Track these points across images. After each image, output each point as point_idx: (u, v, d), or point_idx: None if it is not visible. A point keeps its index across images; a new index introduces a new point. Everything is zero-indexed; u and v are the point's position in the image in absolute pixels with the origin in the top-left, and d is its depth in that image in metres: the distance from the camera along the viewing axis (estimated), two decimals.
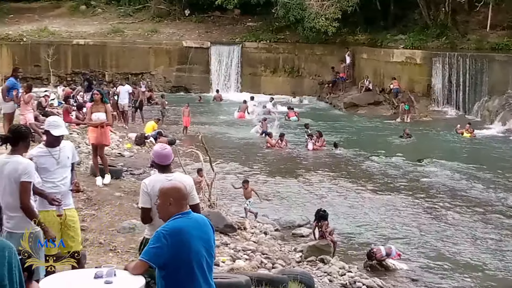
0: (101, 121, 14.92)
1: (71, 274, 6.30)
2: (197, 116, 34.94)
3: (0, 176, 7.28)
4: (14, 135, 7.39)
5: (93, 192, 14.70)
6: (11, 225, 7.28)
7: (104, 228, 12.76)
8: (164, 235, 5.42)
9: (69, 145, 8.47)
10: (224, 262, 12.10)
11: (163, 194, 5.61)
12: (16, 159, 7.32)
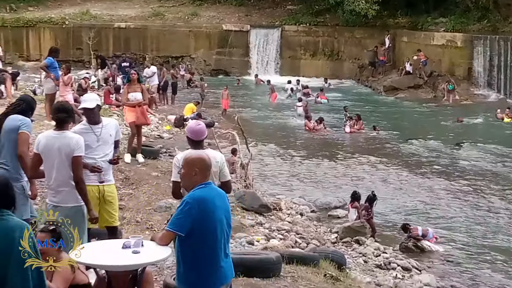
0: (138, 101, 15.07)
1: (100, 244, 6.44)
2: (236, 99, 35.04)
3: (50, 151, 7.38)
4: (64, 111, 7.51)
5: (130, 171, 14.85)
6: (58, 199, 7.44)
7: (141, 207, 12.91)
8: (191, 204, 5.53)
9: (112, 122, 8.53)
10: (259, 241, 12.19)
11: (188, 164, 5.71)
12: (66, 134, 7.45)
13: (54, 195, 7.50)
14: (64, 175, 7.38)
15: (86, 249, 5.98)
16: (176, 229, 5.54)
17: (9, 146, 7.94)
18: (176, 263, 5.81)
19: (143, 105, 15.34)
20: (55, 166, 7.39)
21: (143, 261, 5.65)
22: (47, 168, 7.51)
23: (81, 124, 8.37)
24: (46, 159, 7.46)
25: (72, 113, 7.76)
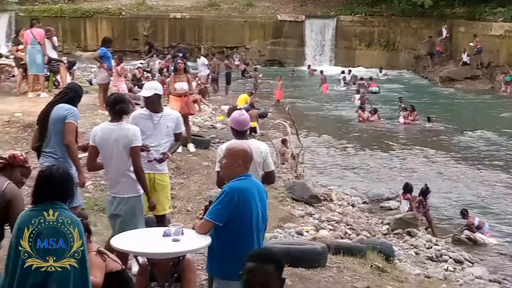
0: (184, 90, 15.16)
1: (141, 232, 6.50)
2: (289, 89, 34.98)
3: (107, 143, 7.45)
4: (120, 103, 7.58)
5: (182, 161, 14.96)
6: (117, 190, 7.53)
7: (192, 196, 13.00)
8: (231, 194, 5.55)
9: (174, 114, 8.55)
10: (308, 231, 12.16)
11: (231, 155, 5.71)
12: (123, 125, 7.52)
13: (113, 186, 7.60)
14: (122, 166, 7.45)
15: (128, 237, 6.06)
16: (214, 219, 5.57)
17: (57, 136, 8.05)
18: (209, 251, 5.85)
19: (189, 95, 15.42)
20: (112, 158, 7.47)
21: (183, 249, 5.69)
22: (105, 160, 7.59)
23: (142, 110, 8.43)
24: (103, 151, 7.54)
25: (128, 104, 7.83)
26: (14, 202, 5.45)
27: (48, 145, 8.15)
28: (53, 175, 5.19)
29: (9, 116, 15.96)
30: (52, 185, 5.12)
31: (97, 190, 13.02)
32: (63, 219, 5.02)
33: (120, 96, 8.09)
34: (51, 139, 8.11)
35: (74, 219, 5.08)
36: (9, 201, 5.45)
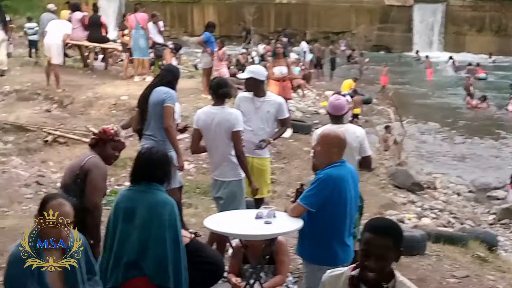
0: (283, 75, 15.13)
1: (234, 214, 6.52)
2: (395, 75, 34.46)
3: (209, 127, 7.49)
4: (223, 87, 7.64)
5: (283, 146, 14.97)
6: (218, 173, 7.58)
7: (292, 181, 12.99)
8: (326, 182, 5.50)
9: (276, 100, 8.41)
10: (410, 219, 11.97)
11: (325, 142, 5.64)
12: (225, 110, 7.52)
13: (215, 169, 7.66)
14: (224, 150, 7.49)
15: (221, 218, 6.10)
16: (307, 204, 5.53)
17: (156, 119, 8.15)
18: (300, 235, 5.81)
19: (288, 79, 15.38)
20: (215, 141, 7.52)
21: (274, 231, 5.67)
22: (208, 143, 7.65)
23: (246, 92, 8.45)
24: (206, 135, 7.60)
25: (230, 88, 7.87)
26: (91, 175, 5.53)
27: (148, 128, 8.27)
28: (151, 157, 5.26)
29: (116, 99, 16.38)
30: (150, 167, 5.20)
31: (199, 174, 13.21)
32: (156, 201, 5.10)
33: (223, 80, 8.12)
34: (151, 122, 8.23)
35: (167, 201, 5.13)
36: (86, 174, 5.55)
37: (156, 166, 5.23)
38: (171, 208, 5.11)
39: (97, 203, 5.60)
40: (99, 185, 5.60)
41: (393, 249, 3.49)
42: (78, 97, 16.87)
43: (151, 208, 5.08)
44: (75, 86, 17.70)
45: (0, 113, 15.83)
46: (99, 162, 5.59)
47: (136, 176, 5.28)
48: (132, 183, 5.32)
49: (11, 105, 16.43)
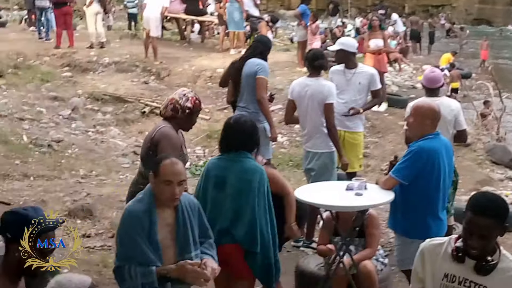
0: (379, 47, 14.94)
1: (324, 185, 6.52)
2: (496, 50, 33.51)
3: (302, 98, 7.56)
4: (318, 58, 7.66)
5: (377, 120, 14.83)
6: (311, 144, 7.66)
7: (386, 155, 12.83)
8: (419, 154, 5.45)
9: (368, 71, 8.39)
10: (508, 196, 11.67)
11: (418, 114, 5.57)
12: (319, 81, 7.56)
13: (307, 141, 7.73)
14: (316, 121, 7.53)
15: (312, 189, 6.12)
16: (400, 177, 5.50)
17: (249, 91, 8.20)
18: (392, 208, 5.77)
19: (384, 52, 15.18)
20: (308, 113, 7.57)
21: (365, 203, 5.64)
22: (301, 114, 7.72)
23: (338, 65, 8.43)
24: (300, 106, 7.66)
25: (326, 60, 7.86)
26: (160, 145, 5.55)
27: (242, 100, 8.34)
28: (239, 126, 5.31)
29: (211, 72, 16.57)
30: (238, 135, 5.25)
31: (292, 146, 13.25)
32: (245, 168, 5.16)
33: (319, 51, 8.14)
34: (244, 94, 8.29)
35: (257, 168, 5.18)
36: (157, 145, 5.59)
37: (244, 134, 5.27)
38: (260, 175, 5.15)
39: None
40: None
41: (497, 227, 3.43)
42: (175, 70, 17.15)
43: (241, 176, 5.13)
44: (172, 58, 17.99)
45: (100, 84, 16.26)
46: (169, 131, 5.56)
47: (225, 145, 5.34)
48: (221, 152, 5.39)
49: (110, 76, 16.85)
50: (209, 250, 4.59)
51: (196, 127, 14.28)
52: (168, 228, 4.37)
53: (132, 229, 4.28)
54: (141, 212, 4.31)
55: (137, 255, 4.25)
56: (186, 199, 4.50)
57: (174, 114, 5.65)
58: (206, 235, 4.64)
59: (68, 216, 8.56)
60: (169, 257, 4.34)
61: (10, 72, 16.44)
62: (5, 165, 10.68)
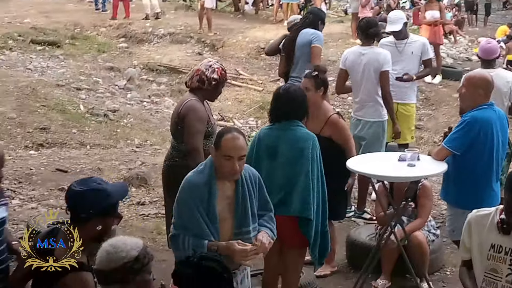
0: (435, 19, 14.76)
1: (376, 155, 6.53)
2: None
3: (357, 66, 7.57)
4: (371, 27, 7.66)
5: (431, 92, 14.71)
6: (362, 113, 7.70)
7: (440, 128, 12.77)
8: (472, 124, 5.42)
9: (419, 41, 8.44)
10: None
11: (471, 84, 5.53)
12: (374, 49, 7.59)
13: (359, 109, 7.75)
14: (370, 90, 7.55)
15: (364, 160, 6.14)
16: (452, 147, 5.48)
17: (304, 60, 8.21)
18: (445, 179, 5.77)
19: (440, 24, 15.00)
20: (362, 81, 7.58)
21: (418, 174, 5.64)
22: (354, 83, 7.74)
23: (388, 38, 8.42)
24: (353, 74, 7.69)
25: (380, 28, 7.85)
26: (187, 119, 5.57)
27: (295, 70, 8.35)
28: (289, 94, 5.32)
29: (265, 43, 16.57)
30: (288, 104, 5.27)
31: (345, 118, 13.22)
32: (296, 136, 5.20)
33: (373, 20, 8.14)
34: (298, 64, 8.31)
35: (309, 136, 5.21)
36: (184, 119, 5.59)
37: (294, 103, 5.27)
38: (312, 143, 5.18)
39: (196, 145, 5.58)
40: (196, 128, 5.57)
41: None
42: (229, 41, 17.22)
43: (293, 145, 5.16)
44: (226, 29, 18.06)
45: (155, 55, 16.43)
46: (195, 105, 5.56)
47: (275, 115, 5.34)
48: (271, 121, 5.39)
49: (165, 47, 17.00)
50: (268, 223, 4.54)
51: (249, 98, 14.59)
52: (227, 201, 4.32)
53: (191, 200, 4.26)
54: (201, 183, 4.28)
55: (193, 226, 4.24)
56: (248, 172, 4.45)
57: (200, 85, 5.65)
58: (266, 208, 4.58)
59: None
60: (226, 230, 4.31)
61: (68, 42, 16.72)
62: (62, 133, 10.91)
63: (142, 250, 3.39)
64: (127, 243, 3.38)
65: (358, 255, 6.57)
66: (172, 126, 5.85)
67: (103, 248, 3.38)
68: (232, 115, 13.80)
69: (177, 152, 5.76)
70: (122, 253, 3.34)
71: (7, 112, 11.28)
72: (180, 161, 5.69)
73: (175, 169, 5.68)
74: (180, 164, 5.59)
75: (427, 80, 14.81)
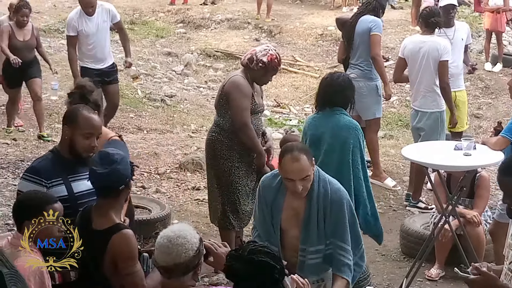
0: (498, 6, 14.46)
1: (431, 144, 6.48)
2: None
3: (415, 55, 7.52)
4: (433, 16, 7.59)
5: (491, 81, 14.42)
6: (420, 103, 7.64)
7: (500, 117, 12.49)
8: None
9: (465, 26, 8.44)
10: None
11: None
12: (434, 39, 7.53)
13: (417, 99, 7.69)
14: (429, 80, 7.49)
15: (420, 148, 6.09)
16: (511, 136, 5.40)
17: (363, 48, 8.15)
18: None
19: (502, 11, 14.68)
20: (420, 71, 7.52)
21: (474, 163, 5.58)
22: (412, 73, 7.68)
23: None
24: (411, 64, 7.63)
25: (441, 18, 7.78)
26: (232, 95, 5.65)
27: (354, 57, 8.30)
28: (333, 82, 5.33)
29: (322, 30, 16.49)
30: (332, 91, 5.27)
31: (402, 106, 13.11)
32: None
33: (436, 9, 8.06)
34: (357, 51, 8.24)
35: (352, 123, 5.19)
36: (228, 94, 5.70)
37: (337, 90, 5.30)
38: (354, 131, 5.16)
39: (243, 121, 5.71)
40: (241, 105, 5.70)
41: None
42: (286, 27, 17.15)
43: (335, 133, 5.16)
44: (283, 15, 17.98)
45: (212, 41, 16.48)
46: (239, 80, 5.68)
47: (320, 103, 5.37)
48: (316, 109, 5.43)
49: (222, 33, 17.02)
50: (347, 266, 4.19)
51: (305, 85, 14.54)
52: (292, 212, 4.22)
53: (259, 201, 4.29)
54: (272, 186, 4.24)
55: (259, 226, 4.30)
56: (331, 190, 4.19)
57: (248, 64, 5.76)
58: (342, 239, 4.19)
59: (179, 169, 8.83)
60: (290, 242, 4.24)
61: (127, 27, 16.87)
62: (120, 118, 11.05)
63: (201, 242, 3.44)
64: (187, 237, 3.39)
65: (412, 244, 6.58)
66: (216, 99, 6.06)
67: (164, 244, 3.38)
68: (288, 101, 13.78)
69: (215, 126, 5.95)
70: (186, 250, 3.36)
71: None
72: (216, 136, 5.91)
73: (210, 143, 5.95)
74: (216, 139, 5.86)
75: (487, 68, 14.55)
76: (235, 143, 5.87)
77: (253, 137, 5.82)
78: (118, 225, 3.82)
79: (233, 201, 5.89)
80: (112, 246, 3.74)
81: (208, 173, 6.21)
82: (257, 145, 5.89)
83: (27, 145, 9.57)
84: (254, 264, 3.08)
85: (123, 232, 3.78)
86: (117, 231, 3.76)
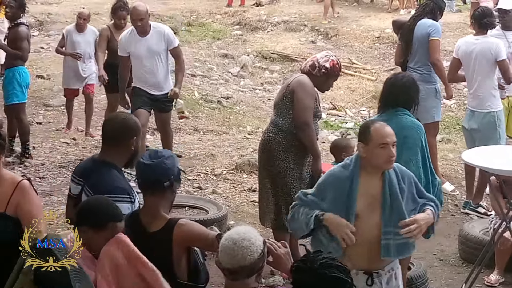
0: None
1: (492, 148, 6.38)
2: None
3: (469, 56, 7.49)
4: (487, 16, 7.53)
5: None
6: (475, 103, 7.57)
7: None
8: None
9: None
10: None
11: None
12: (487, 39, 7.46)
13: (472, 100, 7.65)
14: (483, 80, 7.44)
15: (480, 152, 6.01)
16: None
17: (422, 52, 8.04)
18: None
19: None
20: (475, 71, 7.48)
21: None
22: (467, 73, 7.64)
23: (495, 29, 8.21)
24: (466, 64, 7.60)
25: (494, 18, 7.70)
26: (296, 94, 5.70)
27: (413, 61, 8.20)
28: (396, 83, 5.30)
29: (380, 32, 16.39)
30: (395, 92, 5.23)
31: (460, 110, 12.95)
32: None
33: (488, 9, 7.99)
34: (416, 55, 8.15)
35: (414, 124, 5.14)
36: (292, 93, 5.75)
37: (402, 91, 5.24)
38: (417, 131, 5.13)
39: (306, 120, 5.75)
40: (305, 104, 5.74)
41: None
42: (343, 29, 17.09)
43: (397, 133, 5.10)
44: (340, 18, 17.93)
45: (268, 43, 16.52)
46: (305, 80, 5.77)
47: (383, 102, 5.34)
48: (379, 109, 5.39)
49: (279, 35, 17.05)
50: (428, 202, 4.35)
51: (361, 87, 14.47)
52: (370, 199, 4.20)
53: (333, 189, 4.22)
54: (343, 177, 4.22)
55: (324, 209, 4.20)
56: (397, 169, 4.28)
57: (310, 70, 5.81)
58: (420, 195, 4.35)
59: (235, 170, 8.87)
60: (365, 228, 4.15)
61: (184, 29, 17.04)
62: (177, 119, 11.13)
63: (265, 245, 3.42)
64: (252, 239, 3.35)
65: (471, 249, 6.49)
66: (277, 97, 6.06)
67: (229, 246, 3.32)
68: (344, 104, 13.74)
69: (273, 127, 5.97)
70: (251, 252, 3.32)
71: None
72: (273, 136, 5.95)
73: (267, 144, 5.97)
74: (274, 140, 5.89)
75: None
76: (293, 145, 5.90)
77: (313, 137, 5.87)
78: (171, 220, 3.86)
79: (288, 202, 5.88)
80: (176, 239, 3.78)
81: (261, 174, 6.24)
82: (315, 146, 5.94)
83: (86, 144, 9.72)
84: (327, 280, 3.00)
85: (180, 222, 3.83)
86: (174, 224, 3.81)
